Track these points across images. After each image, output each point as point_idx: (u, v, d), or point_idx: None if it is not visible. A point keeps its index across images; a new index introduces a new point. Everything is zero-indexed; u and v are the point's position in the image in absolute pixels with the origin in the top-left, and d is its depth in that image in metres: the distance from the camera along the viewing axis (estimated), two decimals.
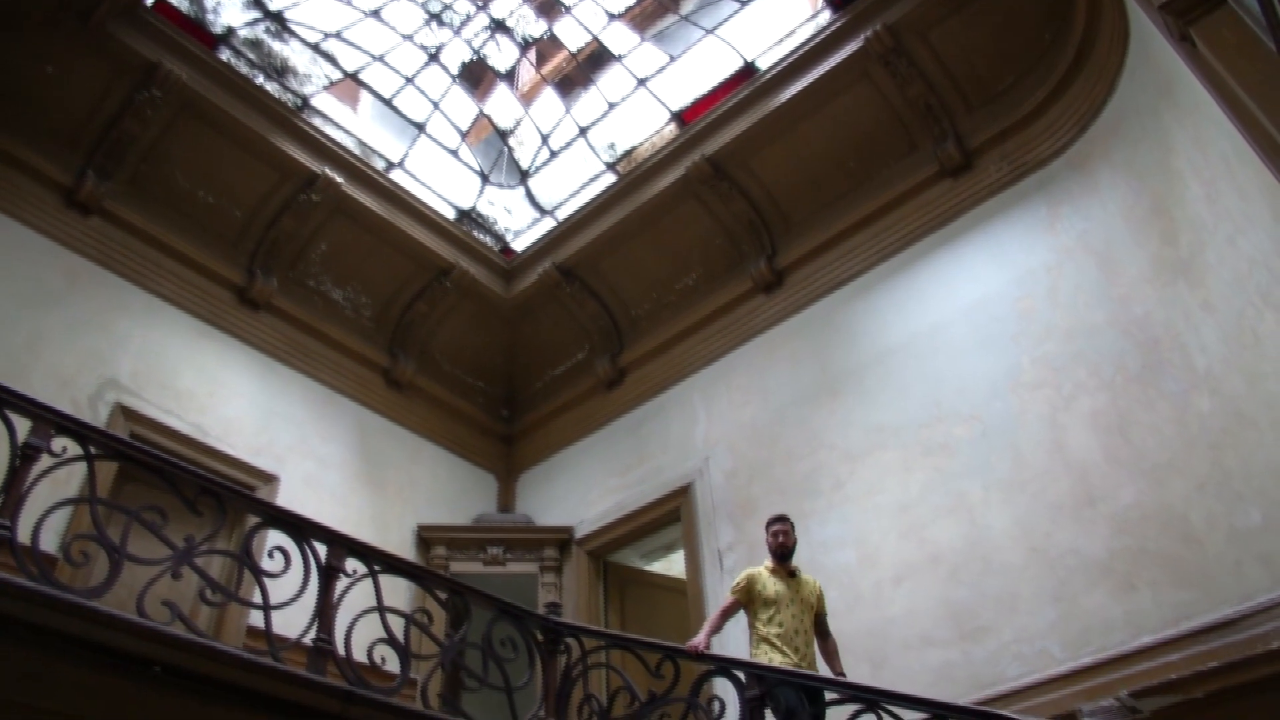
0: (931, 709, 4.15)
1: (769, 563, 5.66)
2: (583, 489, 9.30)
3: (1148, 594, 5.44)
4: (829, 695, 4.44)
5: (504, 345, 10.24)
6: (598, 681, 6.84)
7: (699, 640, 5.24)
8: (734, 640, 6.09)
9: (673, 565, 9.39)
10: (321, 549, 4.45)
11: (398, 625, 4.55)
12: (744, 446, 8.11)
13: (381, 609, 4.47)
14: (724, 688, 4.92)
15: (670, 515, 8.45)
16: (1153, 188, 6.28)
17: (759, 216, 8.67)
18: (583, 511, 9.11)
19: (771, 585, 5.50)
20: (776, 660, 5.11)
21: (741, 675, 4.70)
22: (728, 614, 5.55)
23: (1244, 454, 5.35)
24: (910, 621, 6.26)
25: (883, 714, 4.19)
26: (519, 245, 9.97)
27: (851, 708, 4.27)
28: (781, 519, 5.81)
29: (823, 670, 5.33)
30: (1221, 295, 5.64)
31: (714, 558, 7.78)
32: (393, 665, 4.42)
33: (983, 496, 6.39)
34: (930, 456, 6.80)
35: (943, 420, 6.85)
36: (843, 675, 5.32)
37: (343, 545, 4.54)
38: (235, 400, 7.97)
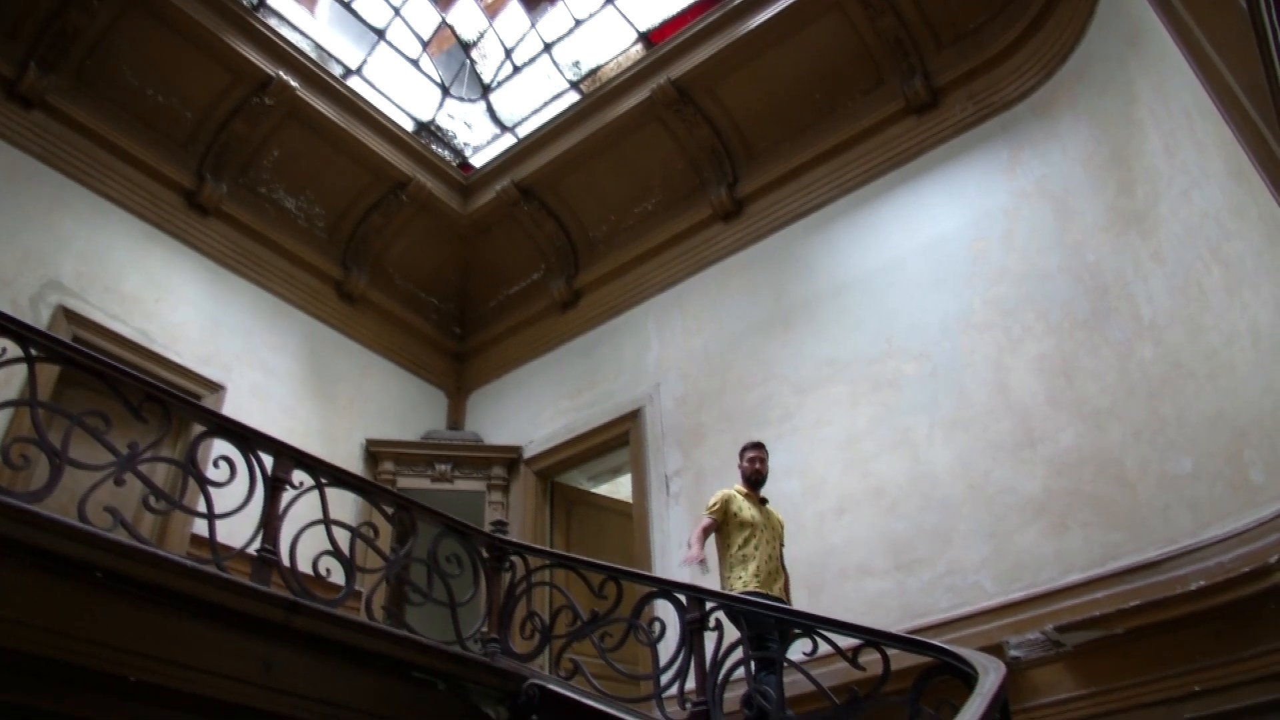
0: (865, 635, 4.26)
1: (740, 487, 5.75)
2: (533, 409, 9.32)
3: (1079, 534, 5.61)
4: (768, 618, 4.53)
5: (459, 262, 10.14)
6: (541, 600, 6.94)
7: (694, 552, 5.40)
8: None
9: (619, 488, 9.49)
10: (268, 460, 4.42)
11: (343, 538, 4.56)
12: (695, 374, 8.16)
13: (327, 522, 4.46)
14: (665, 610, 5.00)
15: (619, 439, 8.51)
16: (1113, 136, 6.32)
17: (722, 144, 8.60)
18: (532, 432, 9.14)
19: (747, 509, 5.62)
20: (752, 585, 5.26)
21: (682, 598, 4.77)
22: (708, 533, 5.62)
23: (1181, 404, 5.50)
24: (849, 551, 6.40)
25: (818, 639, 4.29)
26: (478, 161, 9.80)
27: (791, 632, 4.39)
28: (757, 446, 5.89)
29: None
30: (1172, 247, 5.73)
31: (661, 483, 7.87)
32: (338, 578, 4.44)
33: (927, 433, 6.51)
34: (878, 392, 6.90)
35: (893, 356, 6.94)
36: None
37: (289, 457, 4.51)
38: (182, 307, 7.81)
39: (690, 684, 4.53)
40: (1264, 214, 4.73)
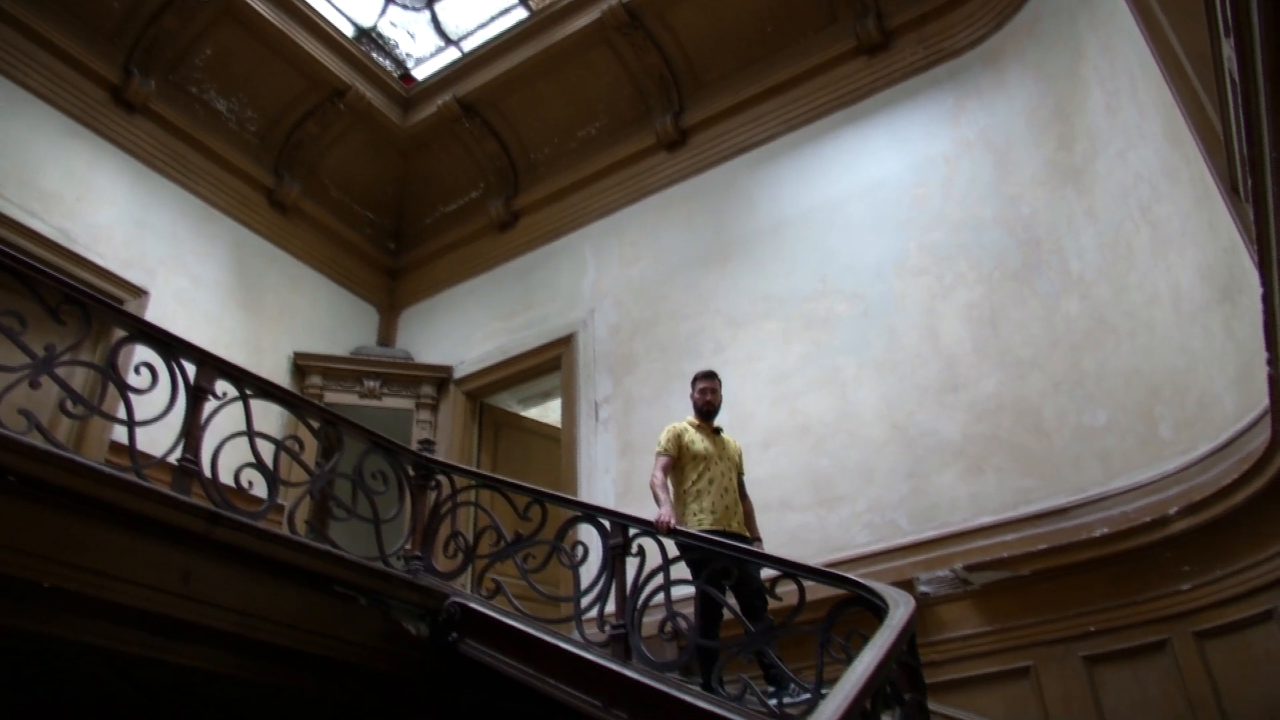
0: (782, 567, 4.35)
1: (692, 419, 5.62)
2: (465, 330, 9.25)
3: (994, 478, 5.79)
4: (690, 547, 4.61)
5: (396, 176, 9.92)
6: (466, 520, 6.98)
7: (665, 514, 4.86)
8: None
9: (549, 413, 9.52)
10: (191, 368, 4.33)
11: (267, 451, 4.50)
12: (630, 302, 8.16)
13: (251, 433, 4.40)
14: (588, 534, 5.06)
15: (551, 363, 8.50)
16: (1058, 91, 6.39)
17: (670, 72, 8.49)
18: (463, 352, 9.09)
19: (700, 441, 5.45)
20: (707, 522, 5.11)
21: (606, 523, 4.82)
22: (668, 474, 5.33)
23: (1101, 358, 5.67)
24: (773, 485, 6.51)
25: (737, 568, 4.39)
26: (420, 74, 9.53)
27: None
28: (709, 375, 5.72)
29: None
30: (1105, 205, 5.85)
31: (590, 409, 7.90)
32: (260, 490, 4.40)
33: (855, 373, 6.62)
34: (811, 330, 6.98)
35: (827, 296, 7.00)
36: (759, 540, 5.37)
37: (213, 366, 4.41)
38: (105, 207, 7.51)
39: (610, 607, 4.62)
40: (1194, 178, 4.84)
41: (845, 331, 6.79)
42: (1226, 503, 4.60)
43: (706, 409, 5.61)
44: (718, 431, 5.61)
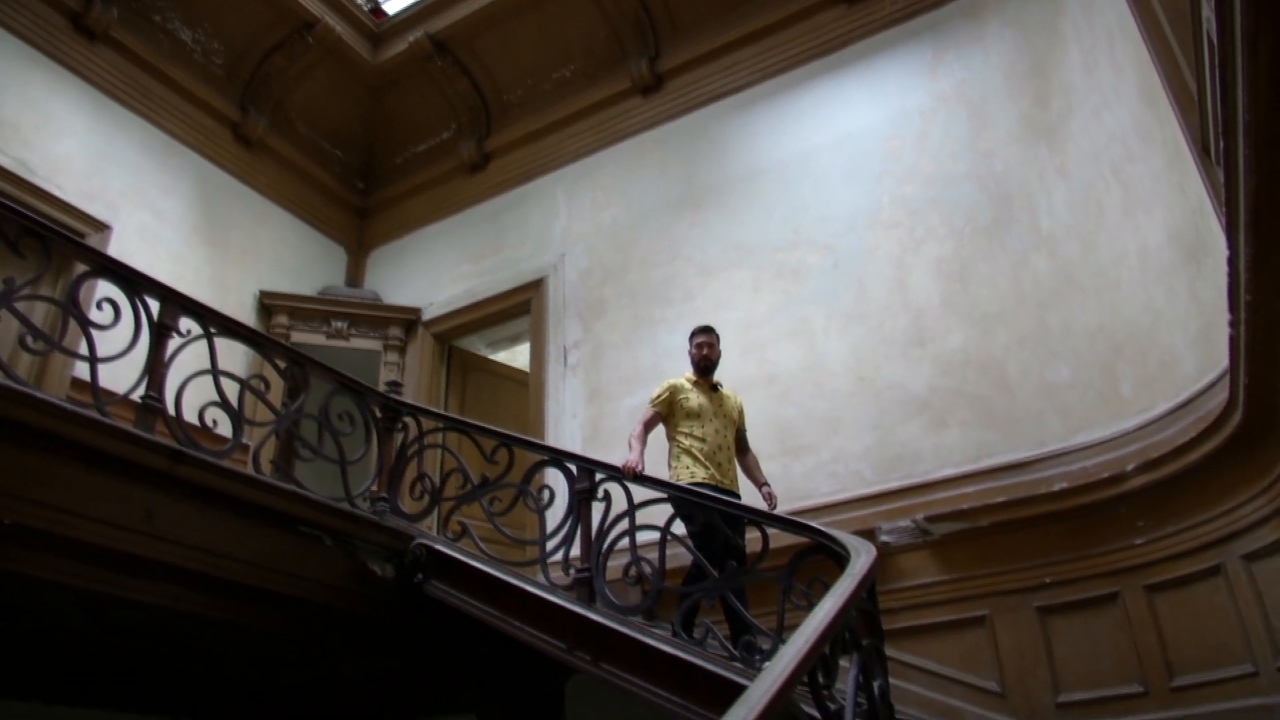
0: (747, 514, 4.41)
1: (689, 374, 5.57)
2: (434, 272, 9.18)
3: (957, 431, 5.86)
4: (654, 494, 4.63)
5: (365, 114, 9.74)
6: (432, 462, 6.98)
7: (633, 459, 4.83)
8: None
9: (517, 356, 9.50)
10: (154, 305, 4.27)
11: (232, 390, 4.47)
12: (602, 248, 8.12)
13: (216, 372, 4.36)
14: (555, 479, 5.08)
15: (520, 307, 8.47)
16: (1036, 47, 6.37)
17: (647, 15, 8.36)
18: (432, 294, 9.02)
19: (695, 397, 5.40)
20: (699, 475, 5.11)
21: (573, 468, 4.84)
22: (650, 426, 5.34)
23: (1066, 315, 5.72)
24: None
25: (702, 515, 4.44)
26: (391, 8, 9.30)
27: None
28: (706, 330, 5.66)
29: (745, 486, 5.41)
30: (1077, 163, 5.87)
31: (559, 353, 7.89)
32: (225, 430, 4.37)
33: (824, 324, 6.64)
34: (781, 280, 6.98)
35: (798, 246, 7.00)
36: (766, 484, 5.37)
37: (177, 303, 4.35)
38: (65, 138, 7.31)
39: (576, 551, 4.66)
40: (1167, 139, 4.86)
41: (815, 283, 6.80)
42: (1182, 461, 4.70)
43: (704, 364, 5.55)
44: (716, 387, 5.56)
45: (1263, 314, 3.06)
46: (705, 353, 5.56)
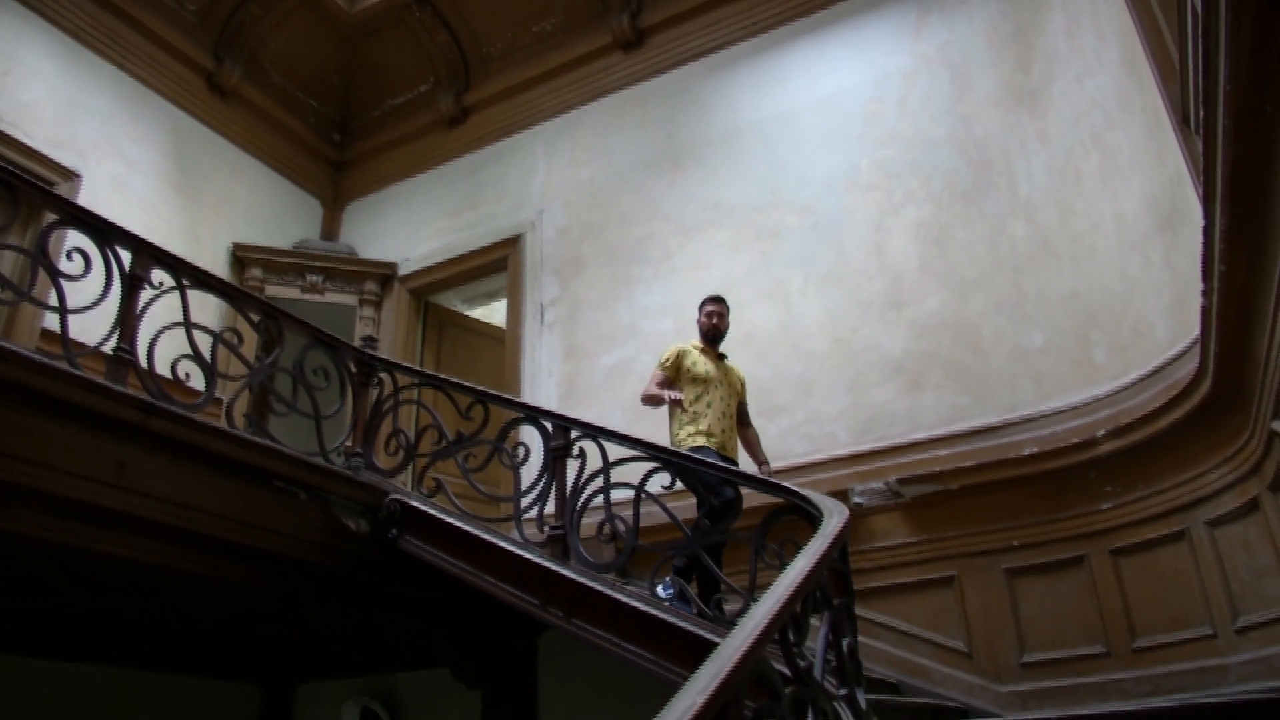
0: (720, 473, 4.43)
1: (697, 342, 5.59)
2: (411, 226, 9.10)
3: (931, 395, 5.91)
4: (627, 452, 4.63)
5: (342, 64, 9.58)
6: (407, 418, 6.97)
7: (671, 394, 5.11)
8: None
9: (494, 313, 9.47)
10: (126, 256, 4.20)
11: (205, 343, 4.42)
12: (580, 205, 8.07)
13: (188, 325, 4.31)
14: (530, 436, 5.09)
15: (497, 264, 8.42)
16: (1020, 11, 6.34)
17: None
18: (409, 249, 8.95)
19: (702, 364, 5.42)
20: (702, 440, 5.15)
21: (548, 425, 4.84)
22: (662, 387, 5.35)
23: (1041, 281, 5.76)
24: None
25: (676, 474, 4.45)
26: None
27: (650, 465, 4.52)
28: (717, 300, 5.67)
29: (743, 458, 5.43)
30: (1058, 129, 5.87)
31: (536, 311, 7.87)
32: (198, 383, 4.33)
33: (801, 285, 6.65)
34: (759, 240, 6.97)
35: (777, 207, 6.99)
36: (766, 463, 5.43)
37: (149, 254, 4.29)
38: (34, 83, 7.14)
39: (550, 508, 4.67)
40: (1148, 108, 4.87)
41: (793, 244, 6.80)
42: (1151, 427, 4.76)
43: (712, 333, 5.57)
44: (723, 358, 5.59)
45: (1235, 284, 3.09)
46: (715, 322, 5.58)
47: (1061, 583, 5.08)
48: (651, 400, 5.25)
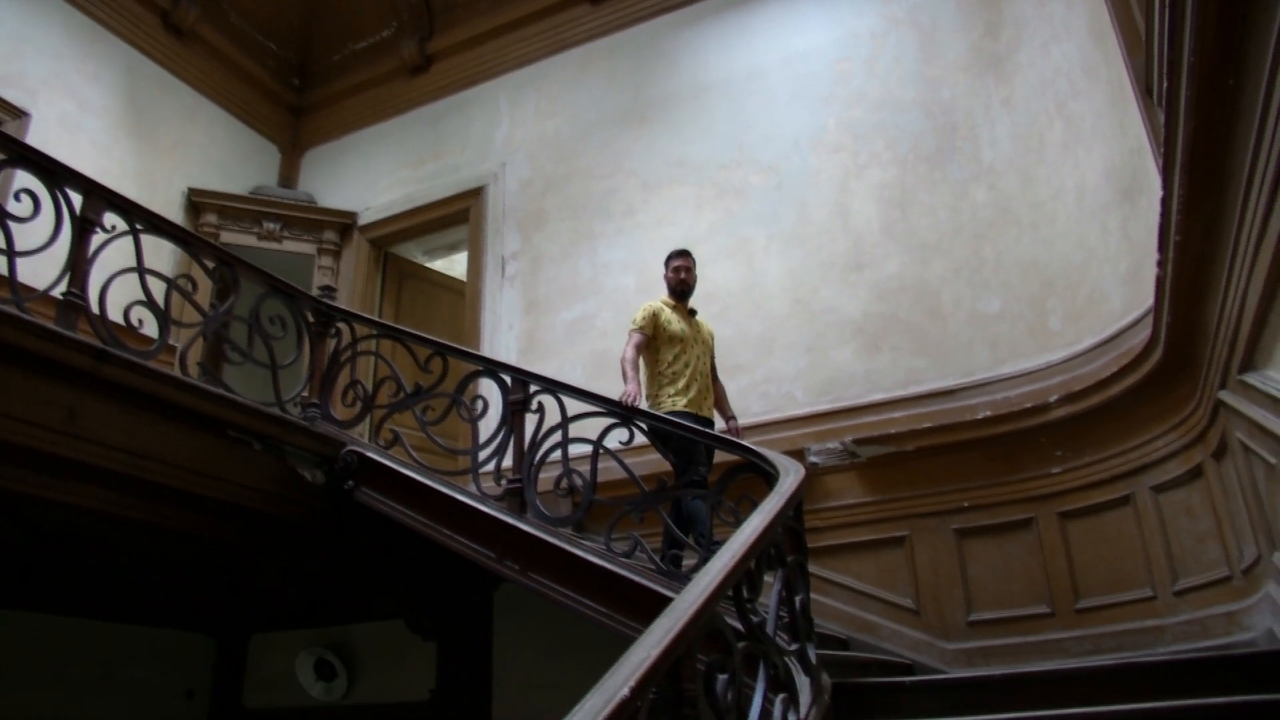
0: (678, 430, 4.45)
1: (666, 299, 5.52)
2: (372, 176, 8.97)
3: (888, 357, 5.96)
4: (586, 408, 4.63)
5: (303, 6, 9.35)
6: (365, 369, 6.92)
7: (632, 390, 4.82)
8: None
9: (454, 265, 9.39)
10: (77, 198, 4.10)
11: (159, 290, 4.34)
12: (544, 158, 7.99)
13: (142, 270, 4.23)
14: (489, 389, 5.07)
15: (459, 215, 8.34)
16: None
17: None
18: (369, 199, 8.83)
19: (676, 322, 5.36)
20: (679, 404, 5.12)
21: (507, 378, 4.83)
22: (640, 351, 5.28)
23: (1001, 248, 5.81)
24: None
25: (634, 430, 4.47)
26: None
27: (608, 421, 4.54)
28: (683, 254, 5.58)
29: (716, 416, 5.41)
30: (1023, 96, 5.89)
31: (497, 263, 7.81)
32: (151, 330, 4.26)
33: (764, 245, 6.65)
34: (723, 198, 6.96)
35: (742, 165, 6.97)
36: (734, 419, 5.45)
37: (101, 197, 4.19)
38: None
39: (508, 462, 4.67)
40: (1112, 78, 4.90)
41: (757, 203, 6.79)
42: (1103, 394, 4.85)
43: (680, 288, 5.51)
44: (692, 314, 5.55)
45: (1190, 255, 3.13)
46: (683, 276, 5.51)
47: (1009, 544, 5.19)
48: (624, 374, 5.08)
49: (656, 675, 2.03)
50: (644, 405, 5.01)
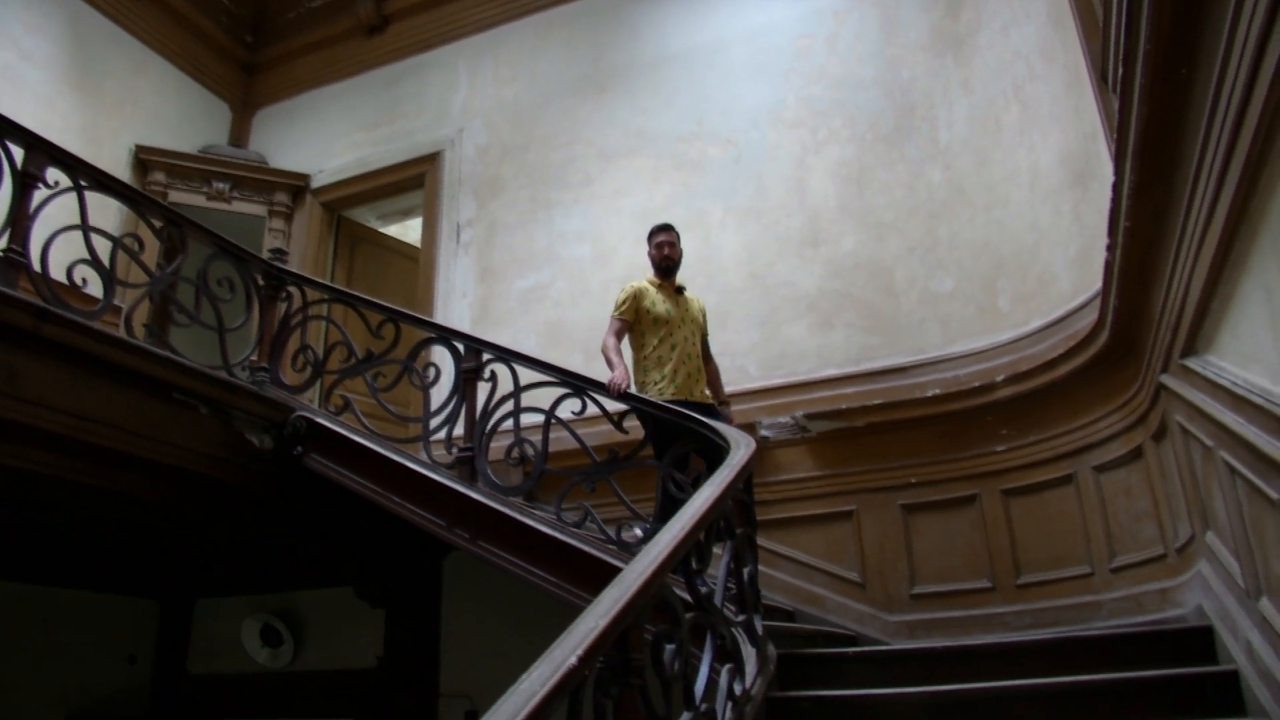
0: (631, 402, 4.45)
1: (652, 277, 5.25)
2: (326, 138, 8.81)
3: (842, 333, 6.00)
4: (539, 377, 4.61)
5: None
6: (316, 334, 6.84)
7: (619, 377, 4.51)
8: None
9: (409, 231, 9.29)
10: (18, 153, 3.99)
11: (104, 249, 4.25)
12: (501, 125, 7.91)
13: (86, 228, 4.13)
14: (441, 357, 5.04)
15: (414, 180, 8.23)
16: None
17: None
18: (323, 161, 8.67)
19: (660, 303, 5.09)
20: (668, 392, 4.85)
21: (460, 346, 4.80)
22: (621, 337, 5.04)
23: (955, 228, 5.86)
24: None
25: (587, 400, 4.47)
26: None
27: (561, 390, 4.53)
28: (666, 228, 5.30)
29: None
30: (981, 78, 5.93)
31: (452, 230, 7.74)
32: (95, 290, 4.17)
33: (721, 218, 6.66)
34: (681, 171, 6.94)
35: (701, 138, 6.95)
36: (726, 403, 5.29)
37: (44, 151, 4.08)
38: None
39: (459, 430, 4.66)
40: (1069, 63, 4.95)
41: (715, 176, 6.79)
42: (1049, 375, 4.94)
43: (665, 265, 5.21)
44: (680, 291, 5.27)
45: (1139, 240, 3.18)
46: (666, 252, 5.22)
47: (954, 520, 5.28)
48: (608, 361, 4.82)
49: (604, 645, 2.04)
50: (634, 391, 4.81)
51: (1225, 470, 2.89)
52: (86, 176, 4.26)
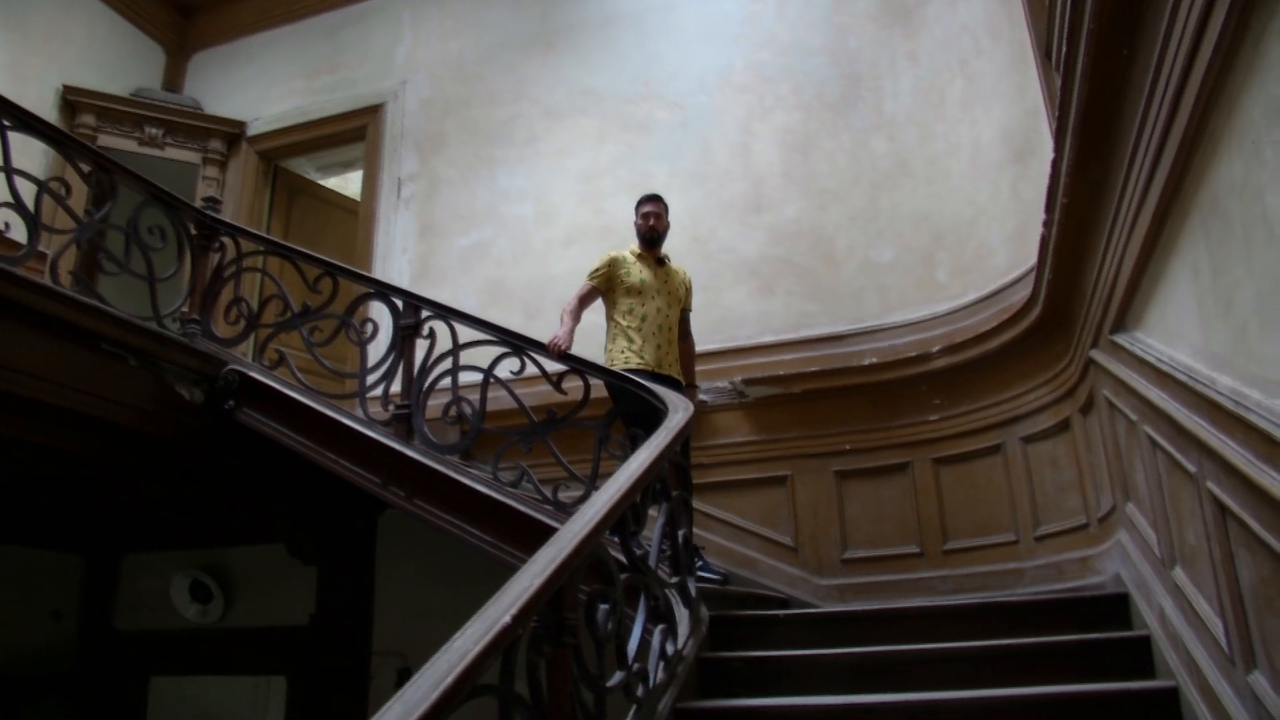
0: (571, 363, 4.45)
1: (635, 247, 5.14)
2: (263, 84, 8.57)
3: (781, 300, 6.04)
4: (478, 335, 4.58)
5: None
6: (251, 286, 6.71)
7: (560, 337, 4.52)
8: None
9: (349, 184, 9.11)
10: None
11: (28, 192, 4.11)
12: (446, 79, 7.77)
13: (9, 170, 3.99)
14: (380, 313, 4.98)
15: (355, 132, 8.05)
16: None
17: None
18: (260, 108, 8.44)
19: (636, 272, 4.99)
20: (634, 363, 4.76)
21: (399, 302, 4.75)
22: (585, 302, 4.95)
23: (896, 199, 5.91)
24: (570, 281, 6.44)
25: (526, 359, 4.46)
26: None
27: (499, 350, 4.51)
28: (654, 199, 5.18)
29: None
30: (928, 51, 5.97)
31: (393, 184, 7.61)
32: (19, 235, 4.05)
33: (665, 181, 6.61)
34: (627, 132, 6.89)
35: (648, 100, 6.90)
36: (694, 386, 5.25)
37: None
38: None
39: (396, 388, 4.62)
40: (1015, 40, 5.01)
41: (661, 139, 6.75)
42: (982, 347, 5.03)
43: (649, 235, 5.09)
44: (663, 262, 5.16)
45: (1075, 217, 3.24)
46: (652, 223, 5.10)
47: (885, 486, 5.38)
48: (560, 319, 4.78)
49: (539, 604, 2.05)
50: (604, 363, 4.81)
51: (1147, 444, 2.97)
52: (10, 116, 4.11)
